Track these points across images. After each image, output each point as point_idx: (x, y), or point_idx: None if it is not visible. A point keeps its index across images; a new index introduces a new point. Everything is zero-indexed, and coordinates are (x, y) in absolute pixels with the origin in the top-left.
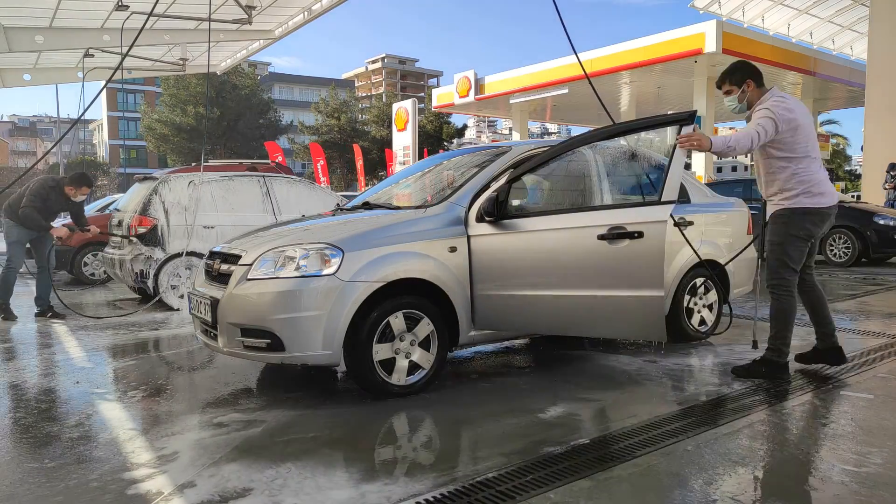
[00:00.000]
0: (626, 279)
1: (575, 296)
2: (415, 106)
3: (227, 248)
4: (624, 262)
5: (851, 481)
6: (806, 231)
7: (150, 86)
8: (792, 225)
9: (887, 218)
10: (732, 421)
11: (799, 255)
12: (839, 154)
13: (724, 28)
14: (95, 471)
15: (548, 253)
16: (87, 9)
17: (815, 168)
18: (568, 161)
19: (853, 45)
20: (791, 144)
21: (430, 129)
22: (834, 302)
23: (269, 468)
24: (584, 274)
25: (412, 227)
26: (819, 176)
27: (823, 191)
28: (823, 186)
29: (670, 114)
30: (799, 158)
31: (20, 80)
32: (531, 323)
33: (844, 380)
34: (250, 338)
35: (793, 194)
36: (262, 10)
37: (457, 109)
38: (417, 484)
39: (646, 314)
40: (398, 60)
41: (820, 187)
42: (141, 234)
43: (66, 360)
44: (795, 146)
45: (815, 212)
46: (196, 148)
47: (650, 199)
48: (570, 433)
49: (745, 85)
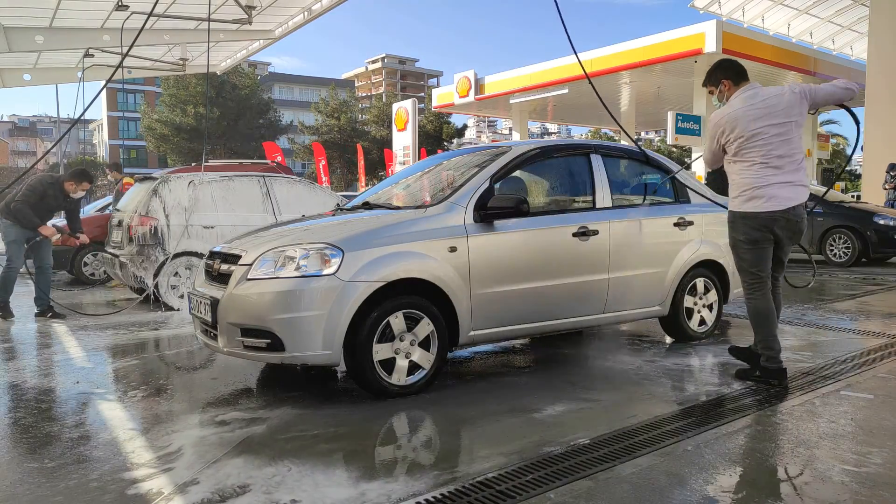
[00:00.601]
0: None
1: (561, 283)
2: (415, 106)
3: (227, 248)
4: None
5: (851, 481)
6: (746, 235)
7: (150, 86)
8: (734, 229)
9: (887, 218)
10: (732, 421)
11: (753, 258)
12: (839, 154)
13: (724, 28)
14: (95, 471)
15: (537, 249)
16: (87, 9)
17: (761, 172)
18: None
19: (853, 45)
20: (734, 149)
21: (430, 129)
22: (834, 302)
23: (268, 467)
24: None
25: (412, 227)
26: (764, 180)
27: (765, 195)
28: (768, 191)
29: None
30: (740, 162)
31: (20, 80)
32: (532, 313)
33: (844, 380)
34: (250, 338)
35: (733, 197)
36: (262, 10)
37: (457, 109)
38: (417, 483)
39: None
40: (398, 60)
41: (762, 191)
42: (141, 233)
43: (66, 360)
44: (738, 150)
45: (751, 216)
46: (196, 148)
47: (601, 206)
48: (569, 433)
49: (722, 84)
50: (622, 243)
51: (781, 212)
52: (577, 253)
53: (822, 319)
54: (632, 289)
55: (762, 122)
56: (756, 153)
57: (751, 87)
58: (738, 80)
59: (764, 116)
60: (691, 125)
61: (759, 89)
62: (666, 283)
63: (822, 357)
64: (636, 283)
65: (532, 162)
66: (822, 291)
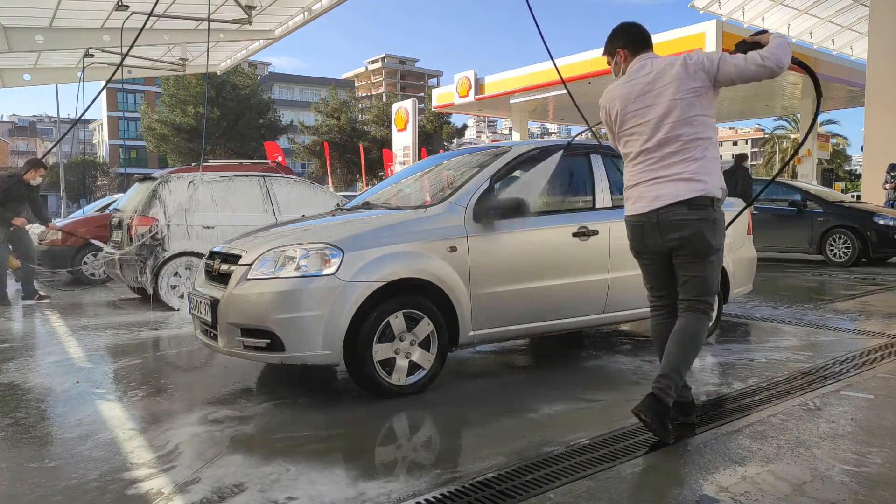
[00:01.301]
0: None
1: (561, 284)
2: (415, 106)
3: (227, 248)
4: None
5: (851, 481)
6: (629, 245)
7: (150, 86)
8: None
9: (887, 218)
10: (732, 421)
11: (643, 271)
12: (839, 154)
13: (724, 28)
14: (95, 471)
15: (537, 249)
16: (87, 9)
17: (636, 166)
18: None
19: (853, 45)
20: (616, 137)
21: (430, 129)
22: (834, 302)
23: (267, 466)
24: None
25: (412, 227)
26: (636, 177)
27: (633, 195)
28: (637, 190)
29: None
30: (623, 152)
31: (20, 80)
32: (532, 313)
33: (844, 380)
34: (250, 338)
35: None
36: (262, 10)
37: (457, 109)
38: (417, 483)
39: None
40: (398, 60)
41: (632, 191)
42: (140, 233)
43: (66, 360)
44: (620, 138)
45: (627, 223)
46: (196, 148)
47: (601, 206)
48: (569, 433)
49: (618, 55)
50: (622, 243)
51: (645, 215)
52: (577, 253)
53: (822, 319)
54: (632, 289)
55: (641, 102)
56: (635, 141)
57: (644, 58)
58: (635, 50)
59: (644, 95)
60: None
61: (649, 60)
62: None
63: (822, 357)
64: (636, 283)
65: (532, 162)
66: (822, 291)
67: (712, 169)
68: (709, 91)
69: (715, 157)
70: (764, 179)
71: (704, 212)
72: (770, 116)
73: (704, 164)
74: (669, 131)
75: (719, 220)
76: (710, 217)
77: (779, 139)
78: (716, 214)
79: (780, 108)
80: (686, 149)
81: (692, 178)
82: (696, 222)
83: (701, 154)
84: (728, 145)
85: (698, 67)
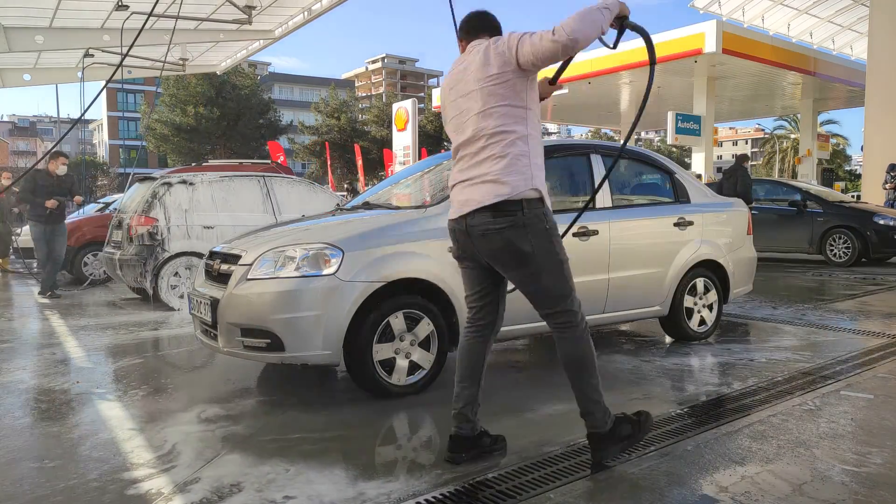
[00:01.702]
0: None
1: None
2: (415, 106)
3: (227, 248)
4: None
5: (851, 481)
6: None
7: (150, 86)
8: None
9: (887, 218)
10: (732, 421)
11: (462, 277)
12: (839, 154)
13: (724, 28)
14: (95, 470)
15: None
16: (87, 9)
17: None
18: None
19: (853, 45)
20: None
21: (430, 129)
22: (834, 302)
23: (265, 465)
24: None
25: (412, 227)
26: (450, 180)
27: (451, 197)
28: (452, 193)
29: None
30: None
31: (20, 80)
32: (531, 313)
33: (844, 380)
34: (250, 338)
35: None
36: (262, 10)
37: None
38: (418, 483)
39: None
40: (398, 60)
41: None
42: (141, 234)
43: (66, 360)
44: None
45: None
46: (196, 148)
47: (601, 206)
48: (569, 433)
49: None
50: (622, 243)
51: (456, 221)
52: (576, 253)
53: (822, 319)
54: (632, 289)
55: (455, 93)
56: (454, 136)
57: (473, 45)
58: (469, 39)
59: (457, 86)
60: (691, 125)
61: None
62: (666, 283)
63: (822, 357)
64: (636, 284)
65: None
66: (822, 291)
67: (519, 167)
68: (514, 77)
69: (523, 154)
70: (763, 179)
71: (511, 217)
72: (770, 116)
73: (510, 162)
74: (475, 125)
75: (534, 223)
76: (520, 222)
77: (779, 139)
78: (527, 218)
79: (780, 108)
80: (490, 145)
81: (496, 179)
82: (503, 231)
83: (504, 151)
84: (728, 145)
85: (497, 52)
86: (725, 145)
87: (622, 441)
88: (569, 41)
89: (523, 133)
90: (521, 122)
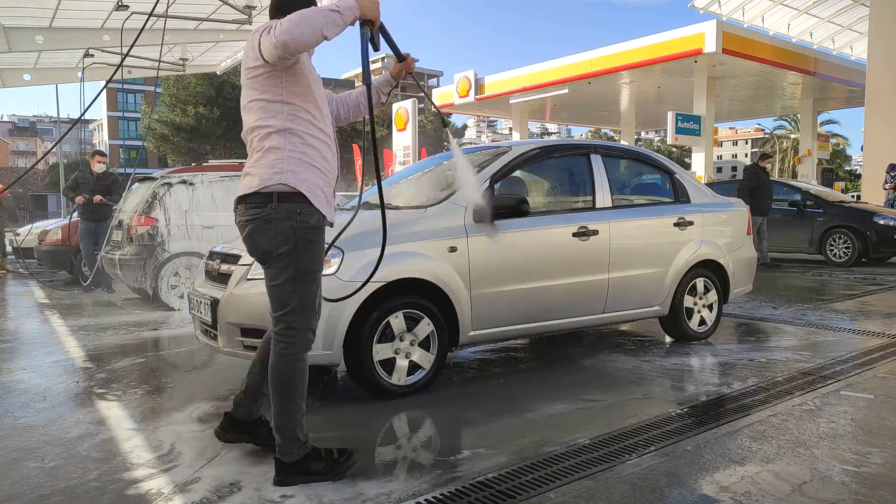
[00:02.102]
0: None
1: (561, 284)
2: (415, 106)
3: (226, 248)
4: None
5: (851, 481)
6: None
7: (150, 86)
8: None
9: (887, 218)
10: (732, 421)
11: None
12: (839, 154)
13: (724, 28)
14: (95, 470)
15: (537, 249)
16: (87, 9)
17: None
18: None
19: (853, 45)
20: None
21: (430, 129)
22: (834, 302)
23: (265, 465)
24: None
25: (412, 228)
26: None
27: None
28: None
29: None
30: None
31: (20, 80)
32: (532, 313)
33: (844, 380)
34: (250, 338)
35: None
36: (261, 11)
37: (457, 109)
38: (418, 483)
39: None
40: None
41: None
42: (141, 234)
43: (66, 360)
44: None
45: None
46: (196, 148)
47: (601, 206)
48: (569, 433)
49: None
50: (622, 243)
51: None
52: (577, 253)
53: (822, 319)
54: (632, 289)
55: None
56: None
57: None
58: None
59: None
60: (691, 125)
61: None
62: (666, 283)
63: (822, 357)
64: (636, 283)
65: (532, 162)
66: (822, 291)
67: (270, 160)
68: (266, 71)
69: (276, 147)
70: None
71: (257, 210)
72: (770, 116)
73: (261, 155)
74: (244, 118)
75: (280, 220)
76: (264, 216)
77: (779, 139)
78: (274, 213)
79: (780, 108)
80: (253, 140)
81: (248, 172)
82: (247, 223)
83: (260, 144)
84: (728, 145)
85: (251, 44)
86: (725, 145)
87: (309, 475)
88: (279, 42)
89: (280, 127)
90: (278, 116)
